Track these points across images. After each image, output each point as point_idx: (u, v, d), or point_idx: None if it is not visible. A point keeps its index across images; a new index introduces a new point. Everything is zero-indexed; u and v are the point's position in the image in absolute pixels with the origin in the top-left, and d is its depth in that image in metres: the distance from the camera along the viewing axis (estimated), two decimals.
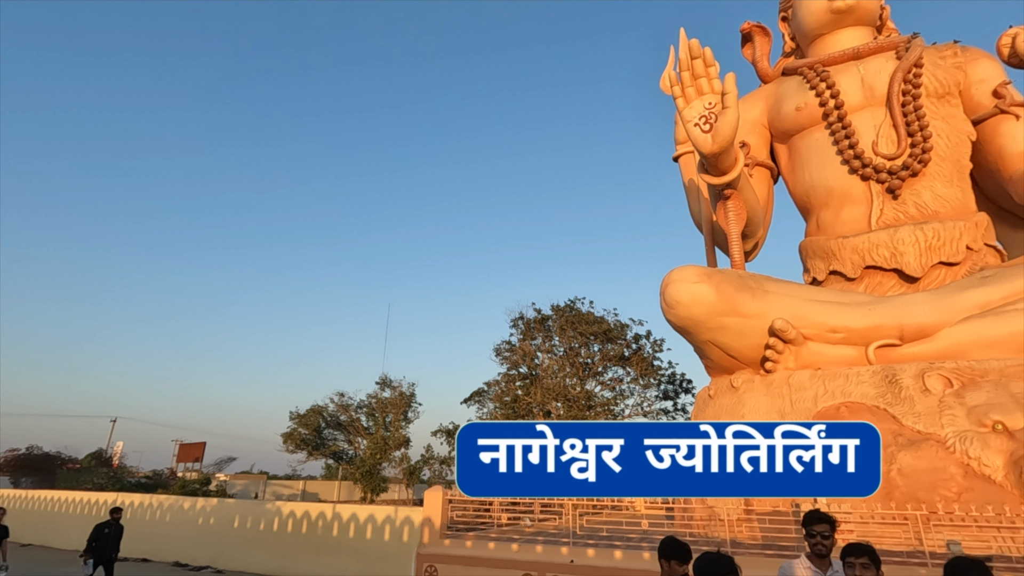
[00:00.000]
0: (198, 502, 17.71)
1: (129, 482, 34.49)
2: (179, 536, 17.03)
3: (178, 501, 18.22)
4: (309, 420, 37.77)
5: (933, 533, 7.94)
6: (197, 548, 16.40)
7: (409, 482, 37.00)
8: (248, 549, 15.29)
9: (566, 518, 10.43)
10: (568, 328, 35.13)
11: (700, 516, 10.25)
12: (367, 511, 13.83)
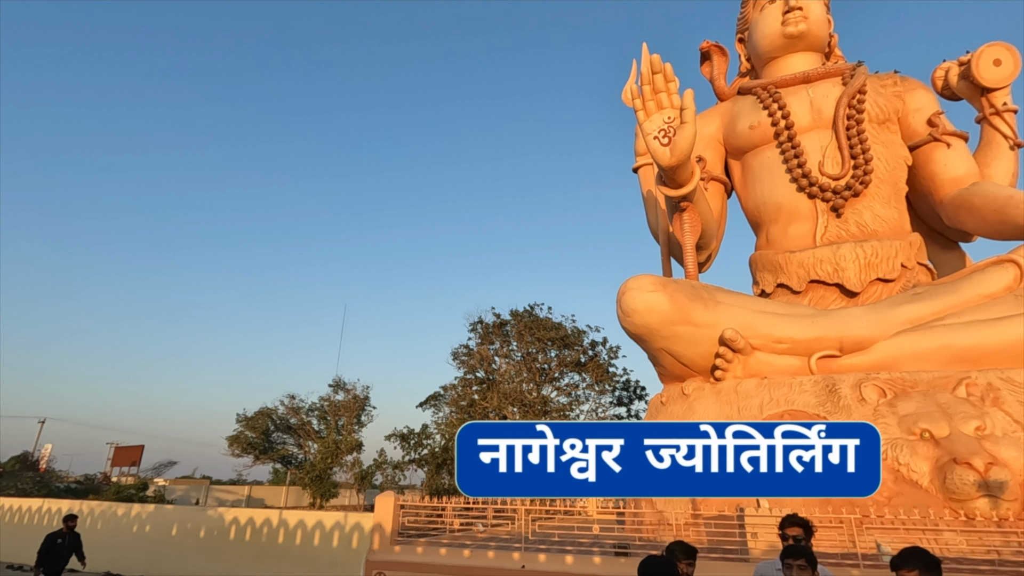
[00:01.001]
0: (133, 508, 16.81)
1: (57, 487, 32.41)
2: (112, 544, 16.09)
3: (111, 508, 17.23)
4: (257, 423, 36.52)
5: (865, 536, 8.35)
6: (131, 557, 15.54)
7: (361, 487, 36.25)
8: (187, 557, 14.59)
9: (519, 523, 10.44)
10: (526, 333, 35.31)
11: (650, 520, 10.45)
12: (315, 517, 13.46)
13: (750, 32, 15.65)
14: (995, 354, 9.74)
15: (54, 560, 10.22)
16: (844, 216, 13.09)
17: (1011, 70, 13.35)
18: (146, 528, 15.92)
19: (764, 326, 10.91)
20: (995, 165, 13.47)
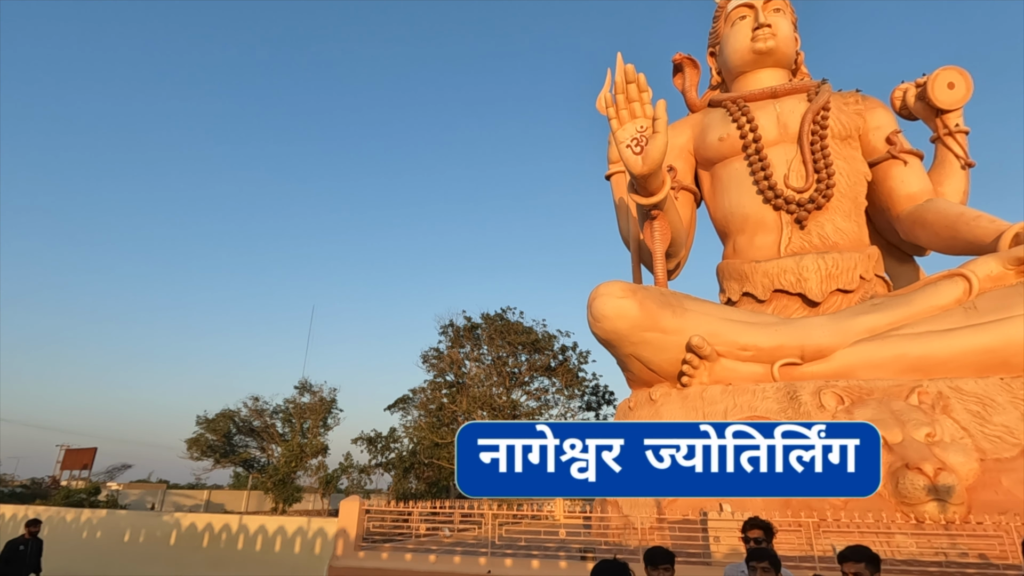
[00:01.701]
0: (83, 514, 16.10)
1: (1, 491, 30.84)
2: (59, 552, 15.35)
3: (59, 513, 16.46)
4: (219, 425, 35.50)
5: (822, 538, 8.60)
6: (80, 564, 14.87)
7: (325, 492, 35.59)
8: (140, 565, 14.04)
9: (485, 528, 10.40)
10: (497, 337, 35.29)
11: (615, 525, 10.54)
12: (277, 522, 13.12)
13: (721, 46, 16.05)
14: (945, 364, 10.18)
15: (15, 569, 9.45)
16: (807, 228, 13.51)
17: (963, 93, 14.03)
18: (97, 534, 15.26)
19: (730, 333, 11.16)
20: (948, 183, 14.12)
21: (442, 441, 33.96)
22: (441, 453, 34.05)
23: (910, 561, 8.37)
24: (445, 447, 34.14)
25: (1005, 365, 9.95)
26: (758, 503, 9.57)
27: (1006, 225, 11.45)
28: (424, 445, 34.44)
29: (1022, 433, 9.21)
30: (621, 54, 11.68)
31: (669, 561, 3.79)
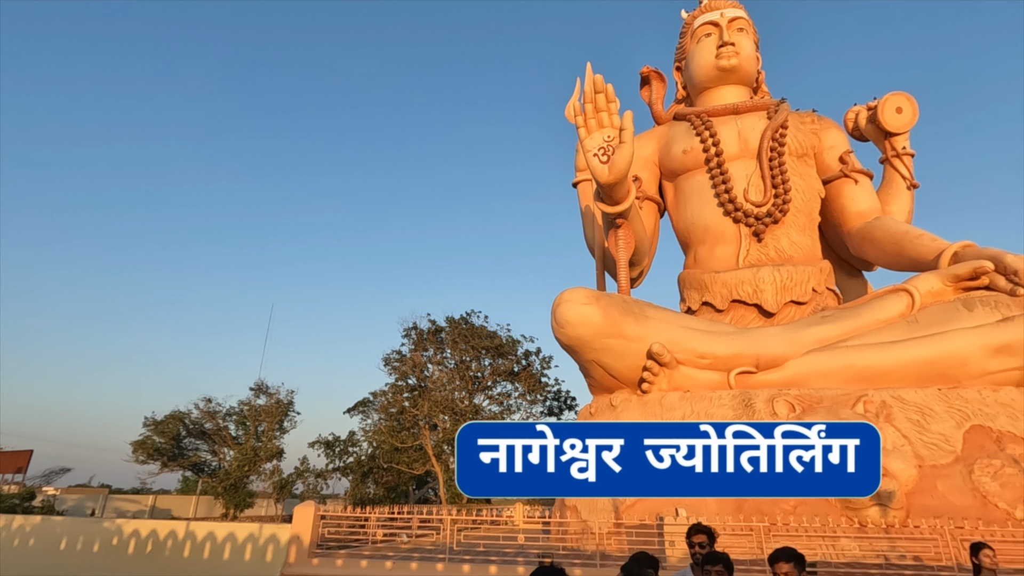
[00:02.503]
0: (15, 520, 15.16)
1: None
2: None
3: None
4: (167, 427, 34.06)
5: (773, 542, 8.85)
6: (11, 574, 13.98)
7: (279, 497, 34.58)
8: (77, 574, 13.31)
9: (444, 533, 10.29)
10: (461, 341, 35.11)
11: (574, 530, 10.61)
12: (227, 528, 12.66)
13: (687, 62, 16.49)
14: (888, 374, 10.68)
15: None
16: (764, 241, 13.98)
17: (910, 118, 14.82)
18: (30, 542, 14.38)
19: (689, 342, 11.42)
20: (894, 203, 14.86)
21: (402, 445, 33.53)
22: (401, 457, 33.60)
23: (853, 564, 8.72)
24: (405, 451, 33.71)
25: (943, 376, 10.51)
26: (712, 508, 9.80)
27: (946, 244, 12.12)
28: (384, 449, 33.92)
29: (957, 441, 9.73)
30: (590, 64, 11.87)
31: (653, 566, 3.85)
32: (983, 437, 9.76)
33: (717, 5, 16.07)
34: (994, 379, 10.39)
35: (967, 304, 10.76)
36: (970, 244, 11.92)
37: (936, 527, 8.68)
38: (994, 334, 10.26)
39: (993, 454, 9.57)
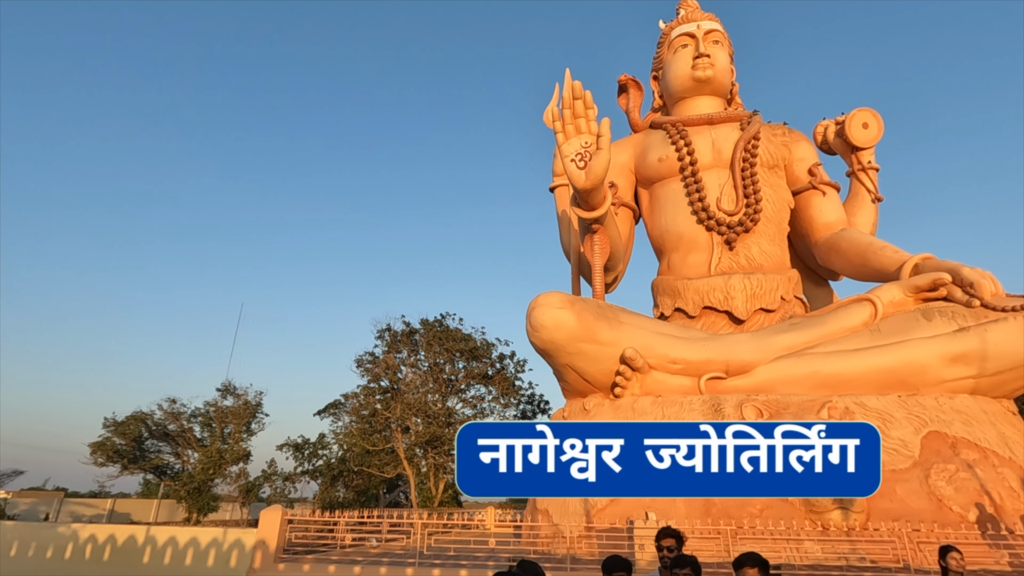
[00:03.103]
0: None
1: None
2: None
3: None
4: (128, 428, 32.93)
5: (739, 545, 9.02)
6: None
7: (245, 501, 33.75)
8: None
9: (415, 538, 10.21)
10: (435, 343, 34.89)
11: (545, 534, 10.63)
12: (189, 533, 12.31)
13: (664, 71, 16.77)
14: (852, 381, 11.00)
15: None
16: (736, 249, 14.28)
17: (875, 133, 15.34)
18: None
19: (661, 347, 11.57)
20: (860, 215, 15.34)
21: (374, 448, 33.12)
22: (372, 460, 33.17)
23: (815, 566, 8.93)
24: (376, 454, 33.30)
25: (903, 384, 10.88)
26: (681, 511, 9.94)
27: (907, 256, 12.57)
28: (354, 452, 33.45)
29: (915, 446, 10.07)
30: (569, 70, 11.97)
31: (625, 569, 3.86)
32: (939, 443, 10.12)
33: (694, 17, 16.39)
34: (950, 387, 10.80)
35: (926, 314, 11.17)
36: (929, 256, 12.38)
37: (894, 530, 8.96)
38: (950, 344, 10.67)
39: (948, 459, 9.94)
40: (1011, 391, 11.07)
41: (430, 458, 33.48)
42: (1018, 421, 11.12)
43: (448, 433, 33.71)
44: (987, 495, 9.57)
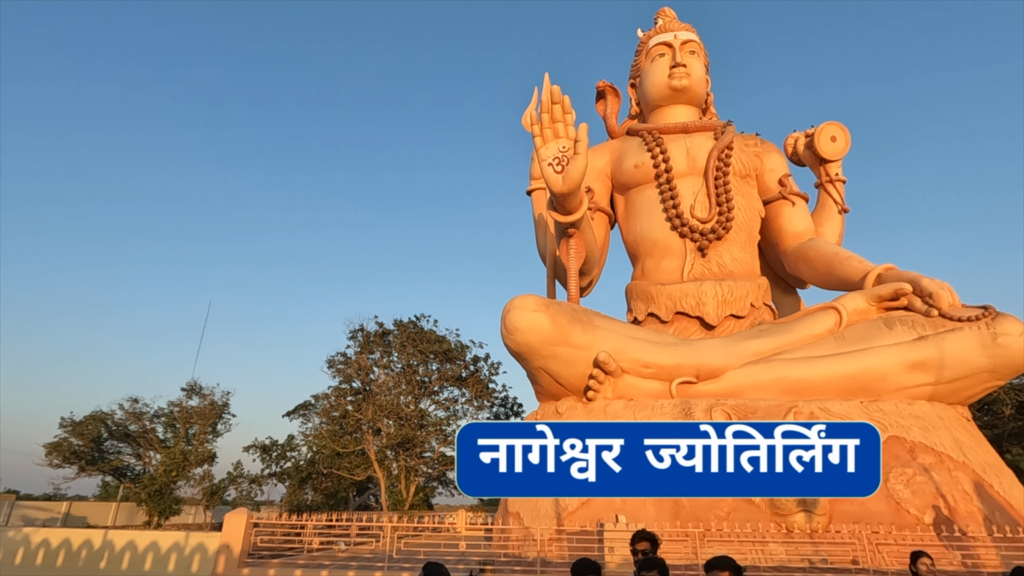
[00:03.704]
0: None
1: None
2: None
3: None
4: (87, 429, 31.77)
5: (707, 548, 9.16)
6: None
7: (209, 503, 32.87)
8: None
9: (384, 541, 10.08)
10: (409, 345, 34.61)
11: (516, 537, 10.62)
12: (149, 537, 11.93)
13: (641, 79, 17.01)
14: (817, 387, 11.31)
15: None
16: (708, 256, 14.54)
17: (843, 146, 15.82)
18: None
19: (634, 351, 11.70)
20: (827, 225, 15.80)
21: (344, 450, 32.65)
22: (342, 463, 32.69)
23: (779, 567, 9.13)
24: (347, 456, 32.84)
25: (865, 390, 11.23)
26: (651, 514, 10.05)
27: (871, 266, 12.99)
28: (324, 454, 32.92)
29: None
30: (548, 75, 12.05)
31: (595, 572, 3.87)
32: (898, 447, 10.47)
33: (671, 27, 16.67)
34: (909, 393, 11.19)
35: (888, 323, 11.55)
36: (892, 267, 12.82)
37: (855, 532, 9.22)
38: (910, 352, 11.06)
39: (907, 463, 10.28)
40: (965, 398, 11.52)
41: (401, 460, 33.15)
42: (971, 427, 11.59)
43: (420, 435, 33.46)
44: (942, 498, 9.93)
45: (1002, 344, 10.59)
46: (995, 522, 9.55)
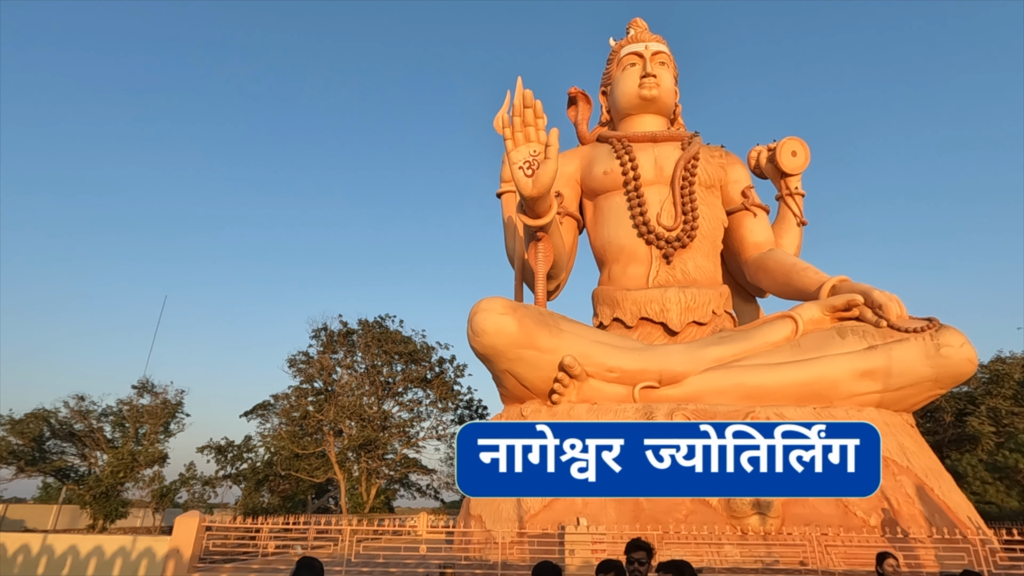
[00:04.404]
0: None
1: None
2: None
3: None
4: (27, 427, 30.13)
5: (665, 550, 9.32)
6: None
7: (159, 506, 31.60)
8: None
9: (343, 545, 9.89)
10: (373, 345, 34.13)
11: (478, 540, 10.58)
12: (92, 541, 11.39)
13: (612, 88, 17.27)
14: (774, 393, 11.66)
15: None
16: (673, 264, 14.85)
17: (802, 161, 16.41)
18: None
19: (599, 355, 11.84)
20: (786, 237, 16.35)
21: (303, 452, 31.92)
22: (301, 464, 31.94)
23: (734, 568, 9.36)
24: (306, 458, 32.11)
25: (818, 397, 11.65)
26: (612, 516, 10.17)
27: (826, 277, 13.50)
28: (283, 456, 32.09)
29: None
30: (521, 79, 12.10)
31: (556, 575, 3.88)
32: None
33: (643, 38, 16.99)
34: (859, 400, 11.66)
35: (840, 332, 12.02)
36: (845, 279, 13.35)
37: (806, 534, 9.54)
38: (860, 360, 11.53)
39: None
40: (910, 405, 12.07)
41: (363, 462, 32.62)
42: (915, 433, 12.15)
43: (383, 437, 33.00)
44: (887, 501, 10.38)
45: (944, 355, 11.16)
46: (935, 524, 10.03)
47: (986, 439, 23.60)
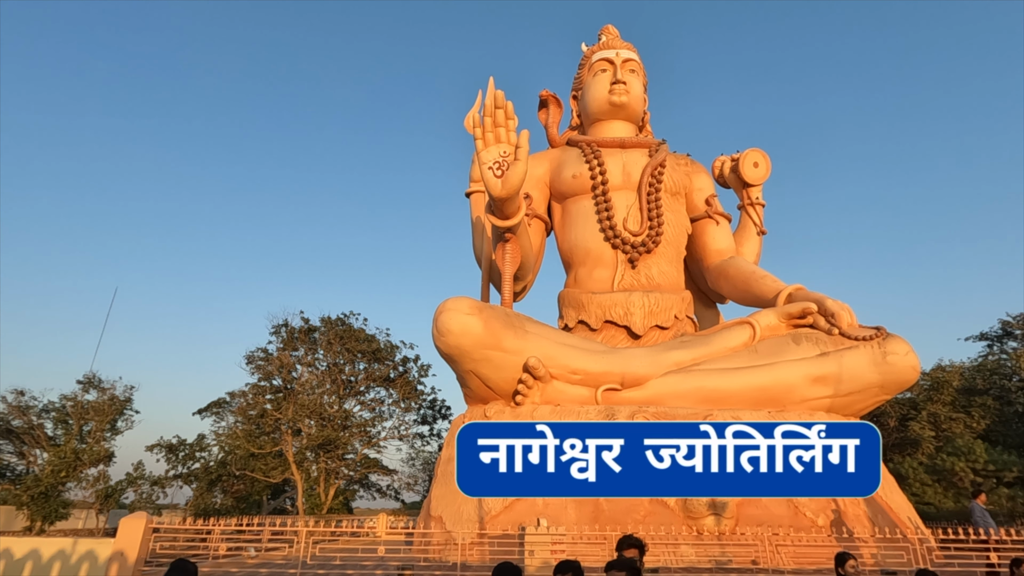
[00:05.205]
0: None
1: None
2: None
3: None
4: None
5: None
6: None
7: (104, 507, 30.22)
8: None
9: (298, 547, 9.66)
10: (336, 343, 33.49)
11: (438, 541, 10.50)
12: (28, 544, 10.79)
13: (583, 93, 17.44)
14: (731, 397, 11.98)
15: None
16: (637, 268, 15.09)
17: (764, 172, 16.92)
18: None
19: (563, 357, 11.92)
20: (747, 245, 16.83)
21: (260, 451, 31.06)
22: (257, 464, 31.07)
23: (689, 568, 9.57)
24: (263, 458, 31.25)
25: (773, 401, 12.02)
26: (572, 517, 10.24)
27: (783, 286, 13.96)
28: (238, 455, 31.15)
29: None
30: (493, 79, 12.09)
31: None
32: None
33: (614, 45, 17.21)
34: (811, 405, 12.09)
35: (795, 339, 12.45)
36: (801, 287, 13.83)
37: (759, 534, 9.82)
38: (813, 366, 11.96)
39: None
40: (859, 410, 12.59)
41: (321, 462, 31.96)
42: None
43: (343, 437, 32.40)
44: (834, 501, 10.79)
45: (891, 362, 11.69)
46: (878, 524, 10.49)
47: (926, 443, 24.85)
